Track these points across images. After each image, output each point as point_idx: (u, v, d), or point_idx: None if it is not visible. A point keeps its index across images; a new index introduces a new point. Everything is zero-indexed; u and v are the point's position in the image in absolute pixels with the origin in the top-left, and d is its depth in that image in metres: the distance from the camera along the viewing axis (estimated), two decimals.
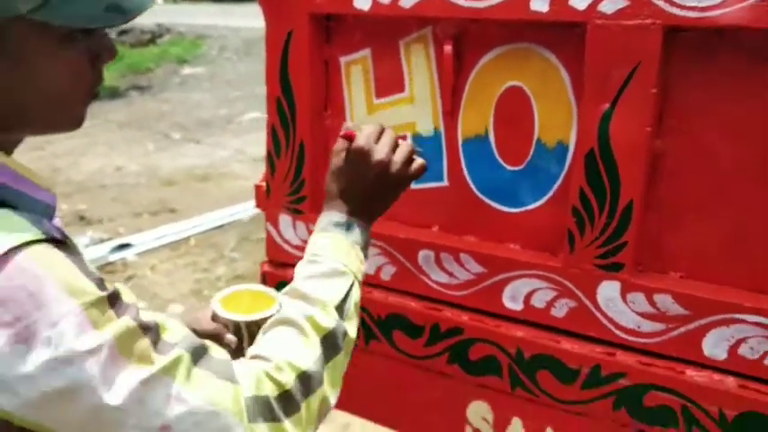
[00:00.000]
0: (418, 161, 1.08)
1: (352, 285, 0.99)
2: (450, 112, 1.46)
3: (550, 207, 1.41)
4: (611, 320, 1.35)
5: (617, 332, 1.35)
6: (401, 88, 1.51)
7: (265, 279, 1.71)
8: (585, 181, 1.31)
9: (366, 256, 1.06)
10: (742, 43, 1.17)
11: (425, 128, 1.51)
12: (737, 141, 1.22)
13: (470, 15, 1.34)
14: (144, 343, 0.74)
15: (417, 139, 1.52)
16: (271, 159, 1.64)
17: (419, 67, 1.48)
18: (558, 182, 1.39)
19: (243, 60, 10.77)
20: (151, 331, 0.76)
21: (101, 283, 0.75)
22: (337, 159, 1.07)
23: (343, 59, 1.56)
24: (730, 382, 1.26)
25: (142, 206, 5.67)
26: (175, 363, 0.75)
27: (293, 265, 1.67)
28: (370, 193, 1.05)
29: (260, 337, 0.94)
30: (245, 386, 0.81)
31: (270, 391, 0.83)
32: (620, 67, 1.23)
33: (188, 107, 9.21)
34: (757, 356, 1.23)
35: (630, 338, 1.34)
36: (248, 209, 5.57)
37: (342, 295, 0.96)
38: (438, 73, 1.46)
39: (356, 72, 1.55)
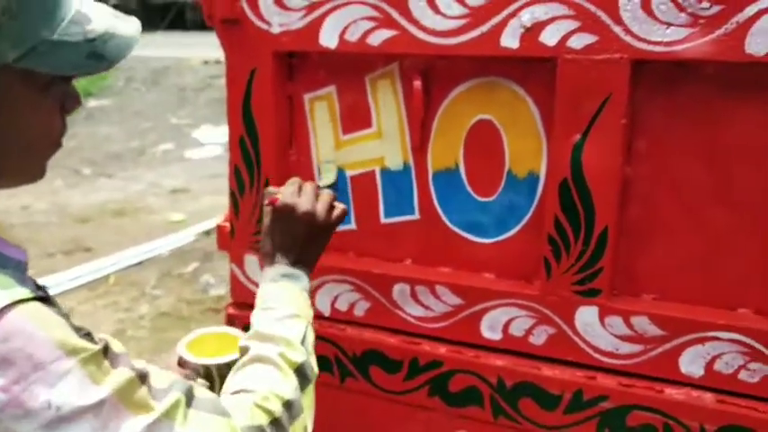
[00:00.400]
0: (339, 207, 1.17)
1: (307, 327, 1.05)
2: (420, 147, 1.47)
3: (523, 236, 1.44)
4: (589, 345, 1.38)
5: (596, 356, 1.38)
6: (368, 124, 1.51)
7: (232, 322, 1.66)
8: (560, 209, 1.35)
9: (312, 302, 1.15)
10: (704, 75, 1.24)
11: (394, 162, 1.51)
12: (702, 166, 1.28)
13: (440, 52, 1.36)
14: (143, 391, 0.76)
15: (386, 173, 1.52)
16: (234, 199, 1.60)
17: (386, 103, 1.48)
18: (530, 211, 1.42)
19: (151, 91, 10.50)
20: (146, 378, 0.77)
21: (90, 338, 0.75)
22: (267, 220, 1.15)
23: (307, 96, 1.55)
24: (708, 397, 1.32)
25: (54, 246, 5.40)
26: (174, 406, 0.77)
27: None
28: (303, 242, 1.13)
29: (234, 375, 0.96)
30: (238, 418, 0.84)
31: (263, 419, 0.87)
32: (590, 99, 1.28)
33: (97, 141, 8.88)
34: (732, 371, 1.29)
35: (610, 361, 1.37)
36: (168, 243, 5.41)
37: (301, 335, 1.03)
38: (406, 108, 1.47)
39: (321, 108, 1.54)
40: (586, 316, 1.37)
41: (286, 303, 1.06)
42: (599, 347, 1.38)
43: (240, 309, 1.68)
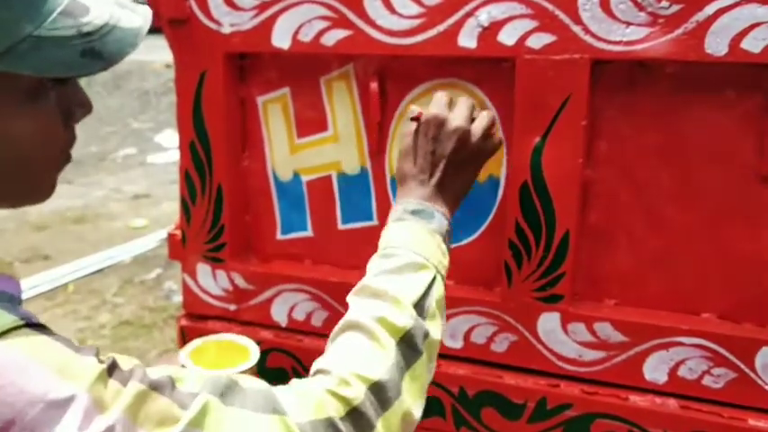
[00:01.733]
0: (498, 135, 1.01)
1: (433, 280, 0.88)
2: (377, 150, 1.43)
3: (484, 242, 1.40)
4: (552, 352, 1.35)
5: (559, 363, 1.35)
6: (324, 127, 1.46)
7: (184, 334, 1.60)
8: (521, 214, 1.31)
9: (449, 248, 0.95)
10: (664, 75, 1.22)
11: (351, 167, 1.46)
12: (662, 167, 1.26)
13: (396, 52, 1.32)
14: (161, 403, 0.64)
15: (343, 178, 1.47)
16: (185, 206, 1.54)
17: (342, 105, 1.44)
18: (491, 216, 1.38)
19: (113, 95, 10.31)
20: (166, 388, 0.66)
21: (96, 354, 0.65)
22: (407, 140, 0.98)
23: (260, 99, 1.49)
24: (672, 404, 1.29)
25: (11, 254, 5.26)
26: (203, 412, 0.65)
27: (214, 317, 1.59)
28: (449, 168, 0.96)
29: (326, 349, 0.82)
30: (296, 413, 0.69)
31: (334, 411, 0.72)
32: (550, 100, 1.25)
33: None
34: (696, 377, 1.27)
35: (573, 368, 1.34)
36: (129, 250, 5.30)
37: (421, 291, 0.85)
38: (362, 110, 1.42)
39: (275, 111, 1.49)
40: (548, 323, 1.34)
41: (410, 248, 0.89)
42: (562, 355, 1.34)
43: (194, 320, 1.61)
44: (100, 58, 0.66)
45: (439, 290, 0.89)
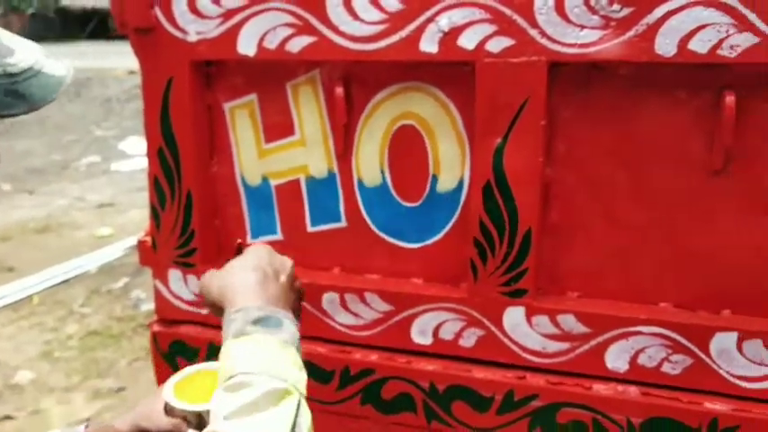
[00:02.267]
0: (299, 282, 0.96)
1: (299, 406, 0.76)
2: (344, 153, 1.46)
3: (450, 240, 1.44)
4: (518, 345, 1.40)
5: (525, 355, 1.39)
6: (291, 131, 1.49)
7: (156, 339, 1.61)
8: (484, 212, 1.35)
9: (302, 358, 0.82)
10: (617, 75, 1.27)
11: (319, 170, 1.49)
12: (618, 165, 1.31)
13: (360, 58, 1.35)
14: None
15: (311, 181, 1.50)
16: (155, 212, 1.56)
17: (309, 110, 1.47)
18: (456, 215, 1.43)
19: (73, 102, 10.16)
20: None
21: None
22: (230, 263, 0.89)
23: (226, 105, 1.52)
24: (633, 391, 1.34)
25: None
26: None
27: (186, 322, 1.61)
28: (288, 280, 0.88)
29: None
30: None
31: None
32: (509, 101, 1.29)
33: (16, 155, 8.53)
34: (655, 364, 1.32)
35: (538, 360, 1.39)
36: (95, 259, 5.24)
37: (288, 427, 0.73)
38: (328, 114, 1.45)
39: (242, 117, 1.51)
40: (514, 316, 1.38)
41: (263, 370, 0.75)
42: (527, 347, 1.39)
43: (166, 326, 1.63)
44: (23, 99, 0.65)
45: (306, 418, 0.77)
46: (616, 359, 1.34)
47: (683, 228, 1.30)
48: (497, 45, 1.27)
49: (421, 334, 1.45)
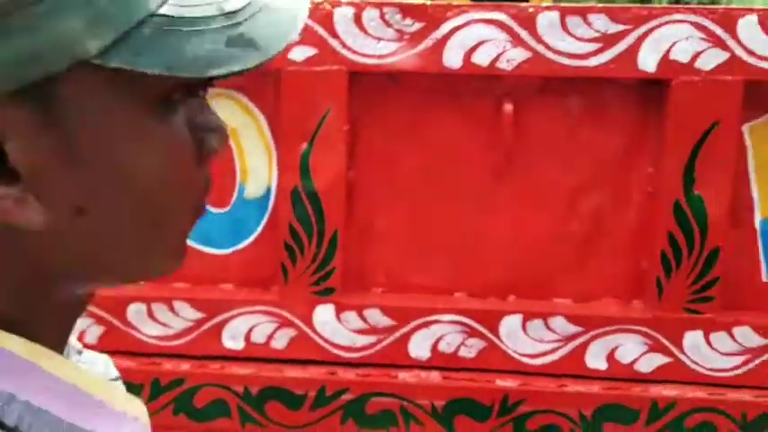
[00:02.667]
0: None
1: None
2: None
3: (260, 244, 1.47)
4: (328, 341, 1.45)
5: (335, 351, 1.45)
6: None
7: None
8: (293, 216, 1.40)
9: None
10: (411, 85, 1.38)
11: None
12: (414, 167, 1.42)
13: None
14: None
15: None
16: None
17: None
18: (265, 220, 1.46)
19: None
20: None
21: None
22: None
23: None
24: (435, 375, 1.45)
25: None
26: None
27: None
28: None
29: None
30: None
31: None
32: (314, 108, 1.35)
33: None
34: (453, 349, 1.44)
35: (348, 355, 1.45)
36: None
37: None
38: None
39: None
40: (323, 314, 1.44)
41: None
42: (337, 343, 1.45)
43: None
44: (254, 47, 0.40)
45: None
46: (419, 348, 1.45)
47: (473, 223, 1.43)
48: (301, 54, 1.33)
49: (232, 339, 1.46)
